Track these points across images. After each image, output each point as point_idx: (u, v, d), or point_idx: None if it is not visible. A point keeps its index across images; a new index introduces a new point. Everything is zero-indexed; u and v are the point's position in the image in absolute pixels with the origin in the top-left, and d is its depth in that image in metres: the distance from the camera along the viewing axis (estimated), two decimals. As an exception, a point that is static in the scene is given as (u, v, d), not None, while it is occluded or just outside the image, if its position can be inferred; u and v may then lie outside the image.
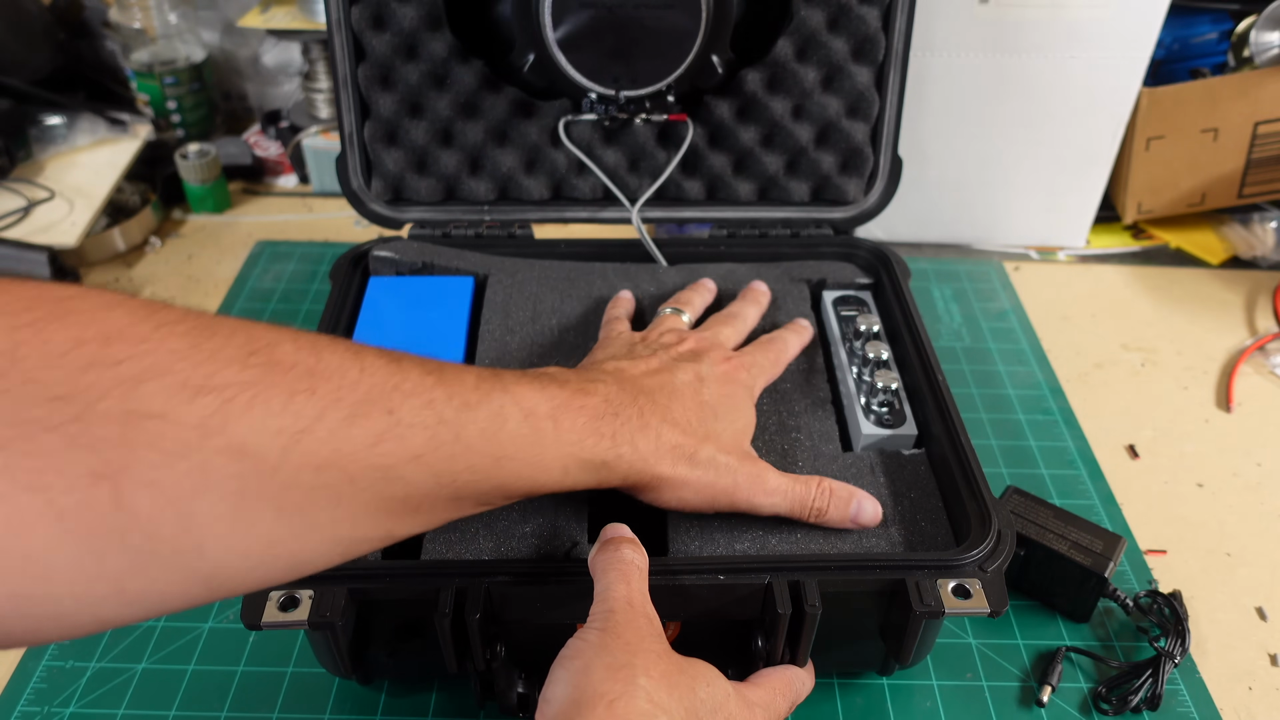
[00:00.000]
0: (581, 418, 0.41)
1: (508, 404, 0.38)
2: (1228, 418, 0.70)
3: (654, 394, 0.45)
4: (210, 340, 0.29)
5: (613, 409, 0.42)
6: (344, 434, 0.32)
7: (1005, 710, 0.51)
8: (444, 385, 0.36)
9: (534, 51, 0.60)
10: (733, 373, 0.51)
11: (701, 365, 0.50)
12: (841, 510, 0.47)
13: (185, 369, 0.28)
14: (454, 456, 0.35)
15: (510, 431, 0.38)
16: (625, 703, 0.34)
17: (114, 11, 0.93)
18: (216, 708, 0.50)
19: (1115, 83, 0.78)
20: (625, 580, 0.39)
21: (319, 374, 0.32)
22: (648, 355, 0.50)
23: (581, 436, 0.40)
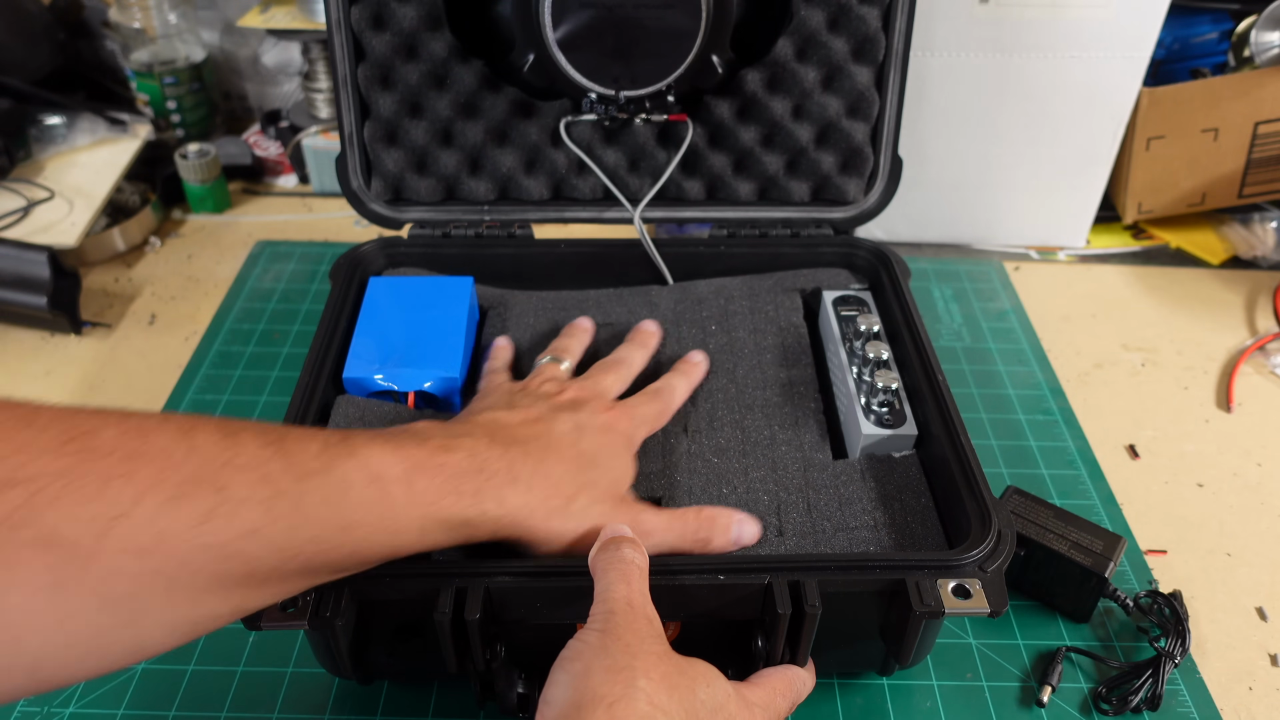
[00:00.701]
0: (440, 477, 0.40)
1: (353, 470, 0.37)
2: (1228, 418, 0.70)
3: (528, 445, 0.44)
4: (24, 431, 0.29)
5: (477, 464, 0.41)
6: (167, 516, 0.31)
7: (1005, 710, 0.51)
8: (283, 456, 0.35)
9: (534, 51, 0.60)
10: (613, 422, 0.50)
11: (581, 414, 0.48)
12: (724, 536, 0.47)
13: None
14: (294, 528, 0.35)
15: (355, 498, 0.37)
16: (625, 705, 0.34)
17: (114, 11, 0.93)
18: (216, 708, 0.50)
19: (1115, 83, 0.78)
20: (625, 580, 0.39)
21: (141, 456, 0.31)
22: (528, 405, 0.49)
23: (439, 496, 0.39)
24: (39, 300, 0.72)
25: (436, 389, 0.55)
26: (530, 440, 0.45)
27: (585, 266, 0.67)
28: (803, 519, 0.50)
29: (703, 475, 0.52)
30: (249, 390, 0.70)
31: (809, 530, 0.49)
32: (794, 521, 0.50)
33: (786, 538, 0.49)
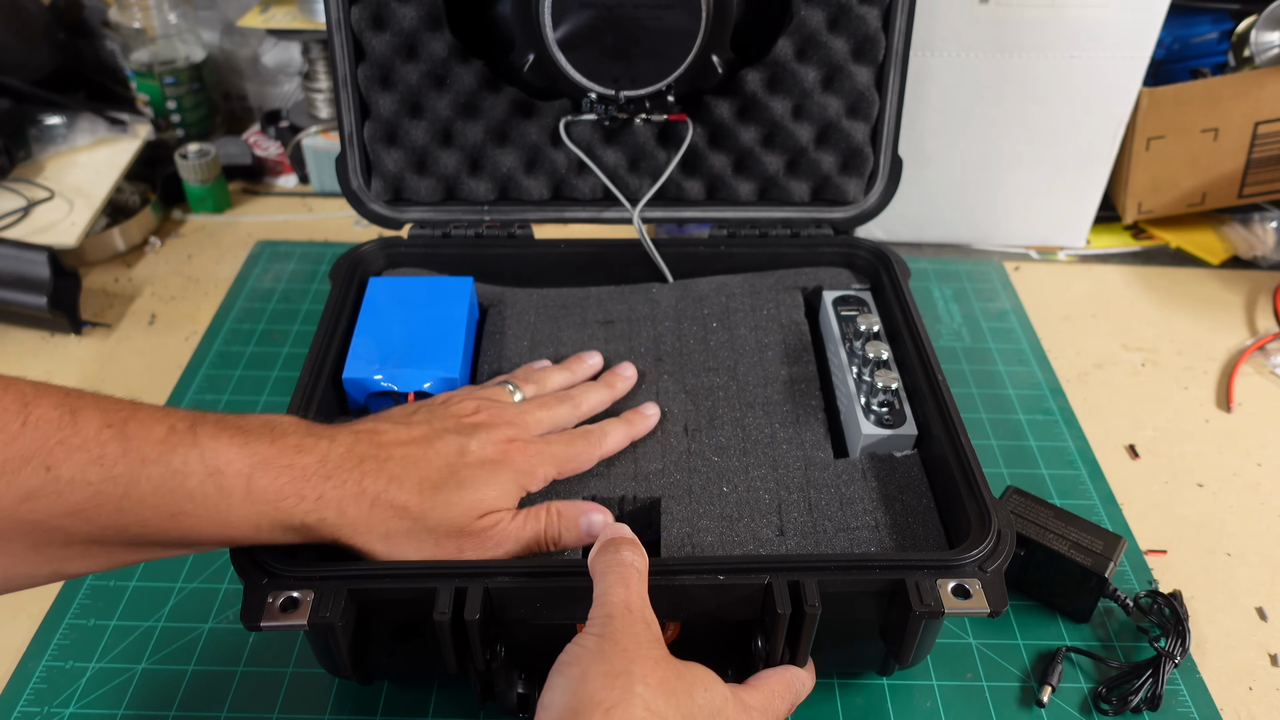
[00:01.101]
0: (283, 478, 0.39)
1: (192, 460, 0.37)
2: (1228, 418, 0.70)
3: (387, 461, 0.43)
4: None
5: (326, 471, 0.41)
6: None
7: (1005, 710, 0.51)
8: (122, 440, 0.35)
9: (534, 51, 0.60)
10: (506, 455, 0.47)
11: (472, 441, 0.47)
12: (573, 531, 0.46)
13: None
14: (122, 511, 0.35)
15: (190, 489, 0.37)
16: (622, 710, 0.34)
17: (114, 11, 0.93)
18: (216, 708, 0.50)
19: (1115, 83, 0.78)
20: (624, 583, 0.39)
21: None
22: (421, 422, 0.47)
23: (279, 497, 0.39)
24: (39, 300, 0.72)
25: (436, 389, 0.55)
26: (393, 458, 0.44)
27: (585, 266, 0.67)
28: (804, 518, 0.50)
29: (703, 474, 0.52)
30: (249, 390, 0.70)
31: (810, 530, 0.49)
32: (795, 521, 0.50)
33: (787, 537, 0.49)
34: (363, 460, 0.43)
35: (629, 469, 0.53)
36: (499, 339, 0.61)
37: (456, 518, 0.44)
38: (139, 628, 0.54)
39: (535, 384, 0.54)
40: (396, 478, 0.43)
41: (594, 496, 0.51)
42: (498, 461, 0.47)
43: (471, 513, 0.44)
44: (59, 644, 0.53)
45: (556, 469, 0.50)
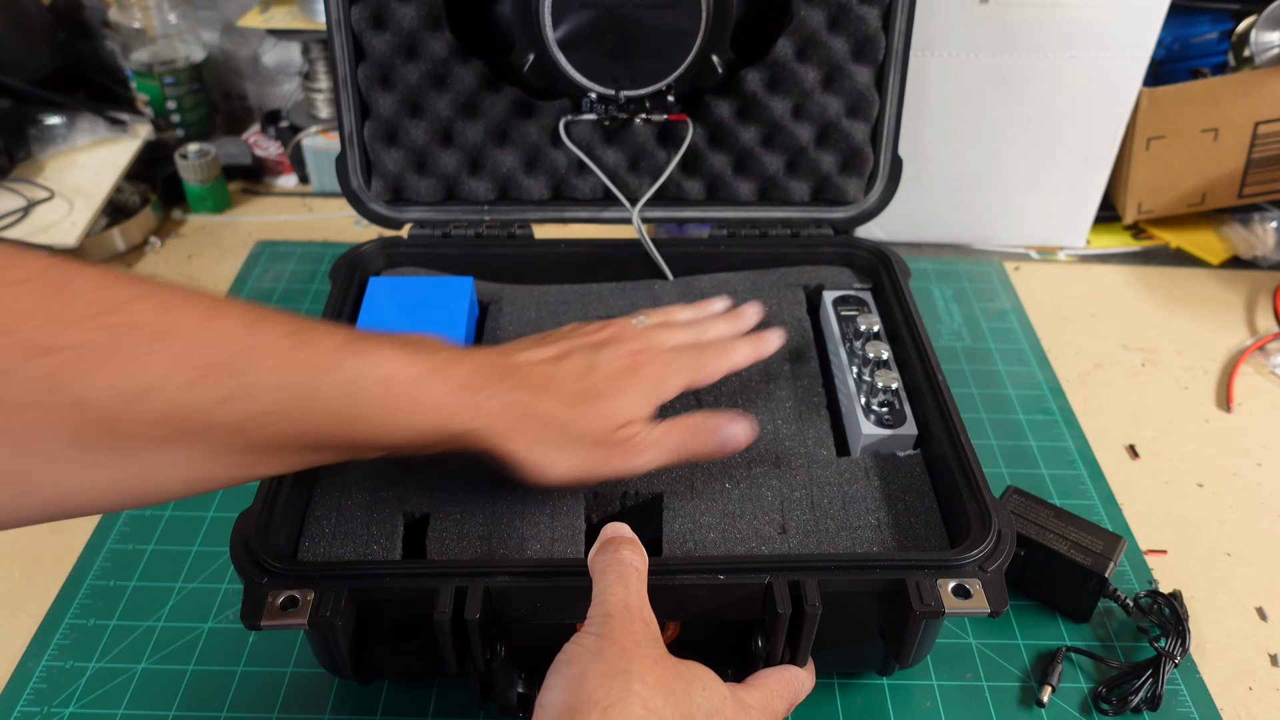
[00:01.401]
0: (444, 386, 0.41)
1: (365, 369, 0.39)
2: (1228, 418, 0.70)
3: (527, 377, 0.45)
4: (61, 299, 0.32)
5: (479, 383, 0.43)
6: (190, 394, 0.34)
7: (1005, 710, 0.51)
8: (301, 349, 0.37)
9: (534, 51, 0.60)
10: (637, 364, 0.48)
11: (601, 353, 0.48)
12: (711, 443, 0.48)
13: (29, 329, 0.31)
14: (304, 415, 0.37)
15: (364, 395, 0.39)
16: (620, 709, 0.34)
17: (114, 11, 0.93)
18: (216, 708, 0.50)
19: (1115, 83, 0.78)
20: (623, 583, 0.39)
21: (169, 335, 0.33)
22: (551, 343, 0.49)
23: (440, 406, 0.41)
24: (39, 300, 0.72)
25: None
26: (533, 374, 0.46)
27: (585, 266, 0.67)
28: (806, 516, 0.50)
29: (704, 470, 0.52)
30: (249, 390, 0.70)
31: (812, 528, 0.49)
32: (798, 519, 0.50)
33: (790, 535, 0.49)
34: (508, 374, 0.44)
35: None
36: (499, 336, 0.61)
37: (596, 427, 0.45)
38: (139, 628, 0.54)
39: (661, 314, 0.55)
40: (538, 390, 0.45)
41: (595, 492, 0.51)
42: (628, 371, 0.48)
43: (610, 422, 0.46)
44: (59, 644, 0.53)
45: (687, 378, 0.50)
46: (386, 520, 0.49)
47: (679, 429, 0.47)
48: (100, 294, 0.33)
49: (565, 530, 0.49)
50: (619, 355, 0.49)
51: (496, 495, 0.51)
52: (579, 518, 0.50)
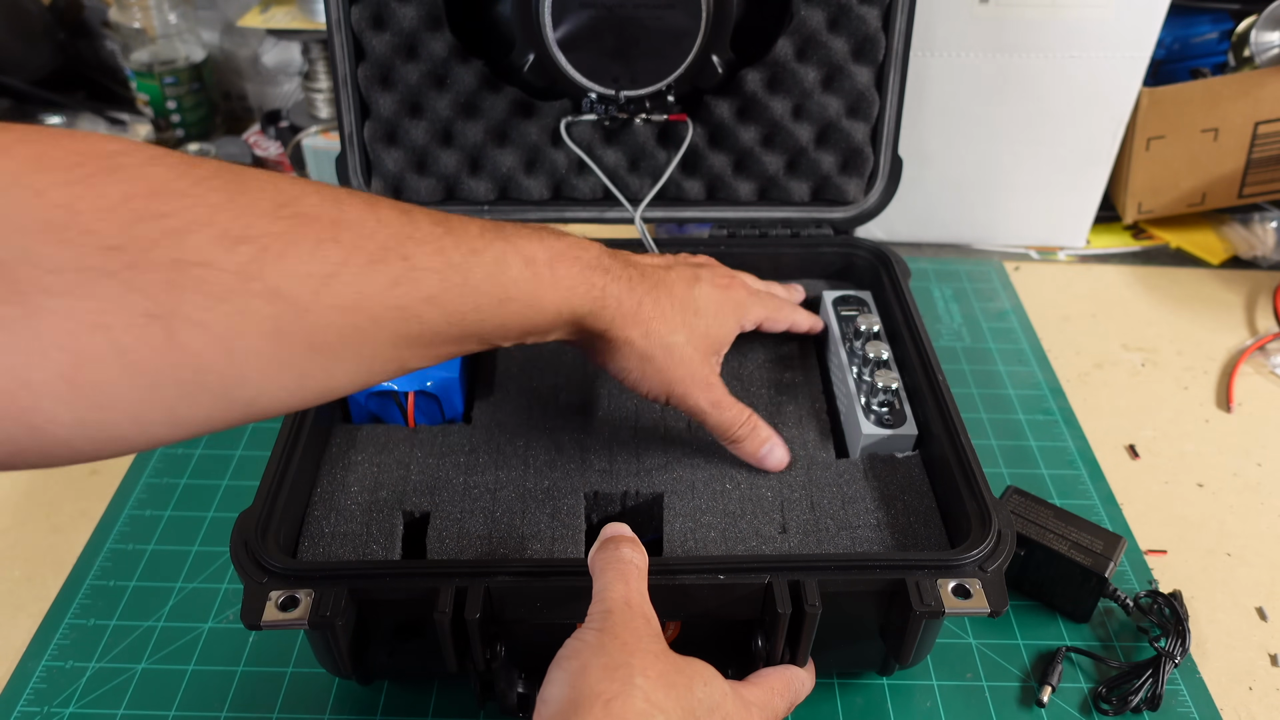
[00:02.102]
0: (576, 267, 0.43)
1: (509, 251, 0.41)
2: (1228, 418, 0.70)
3: (645, 273, 0.48)
4: (244, 194, 0.33)
5: (604, 266, 0.45)
6: (366, 278, 0.35)
7: (1005, 710, 0.51)
8: (452, 234, 0.39)
9: (534, 51, 0.60)
10: (731, 288, 0.54)
11: (702, 272, 0.52)
12: (754, 447, 0.51)
13: (224, 220, 0.31)
14: (463, 297, 0.39)
15: (513, 276, 0.41)
16: (622, 702, 0.34)
17: (114, 11, 0.93)
18: (216, 708, 0.50)
19: (1115, 83, 0.78)
20: (624, 580, 0.39)
21: (341, 224, 0.35)
22: (655, 256, 0.53)
23: (575, 284, 0.43)
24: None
25: (436, 389, 0.55)
26: (647, 274, 0.48)
27: (585, 266, 0.67)
28: (806, 516, 0.50)
29: (705, 470, 0.52)
30: (249, 390, 0.70)
31: (812, 528, 0.49)
32: (797, 519, 0.50)
33: (790, 535, 0.49)
34: (627, 265, 0.47)
35: (631, 464, 0.53)
36: None
37: (693, 345, 0.49)
38: (139, 628, 0.54)
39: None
40: (655, 287, 0.48)
41: (596, 492, 0.51)
42: (725, 292, 0.53)
43: (703, 345, 0.50)
44: (59, 644, 0.53)
45: (765, 312, 0.57)
46: (386, 520, 0.49)
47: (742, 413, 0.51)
48: (274, 188, 0.34)
49: (565, 530, 0.49)
50: (715, 277, 0.54)
51: (497, 495, 0.51)
52: (579, 518, 0.50)
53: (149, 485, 0.63)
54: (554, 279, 0.42)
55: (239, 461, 0.65)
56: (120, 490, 0.62)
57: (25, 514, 0.61)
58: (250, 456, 0.65)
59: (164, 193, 0.30)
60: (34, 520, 0.61)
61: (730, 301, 0.53)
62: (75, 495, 0.63)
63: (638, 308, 0.46)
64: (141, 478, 0.63)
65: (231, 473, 0.64)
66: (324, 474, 0.52)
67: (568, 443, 0.54)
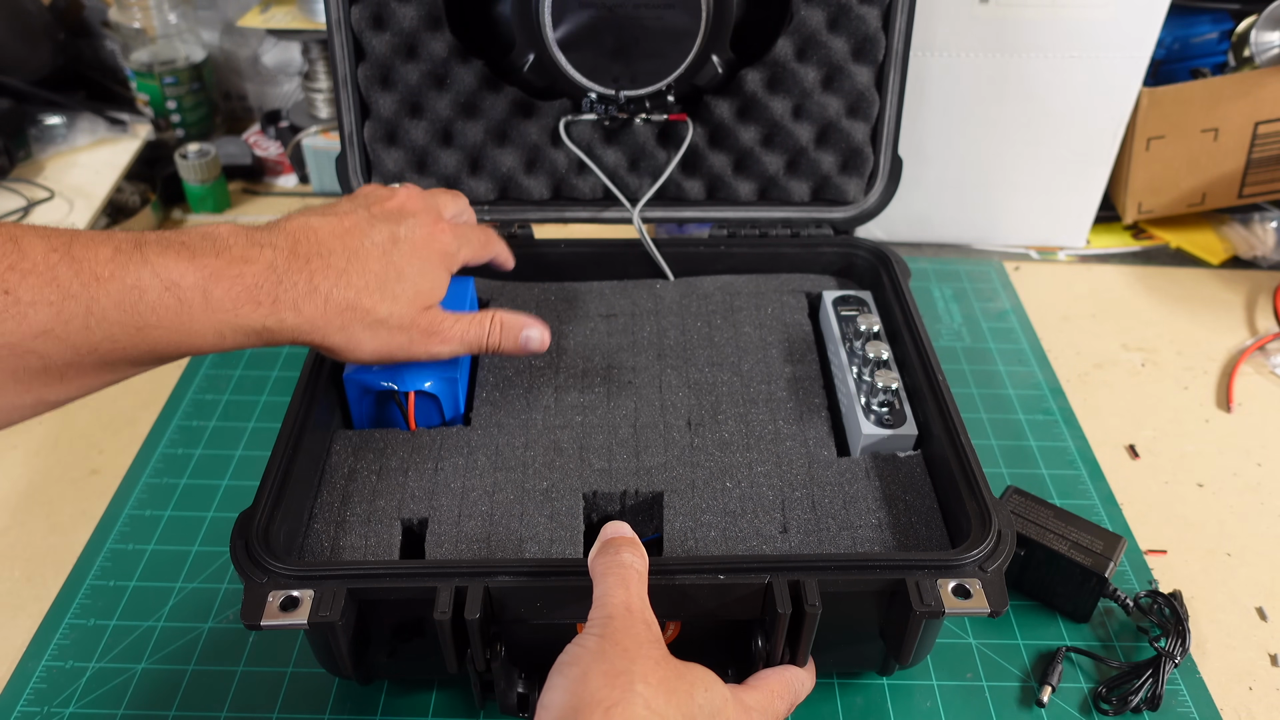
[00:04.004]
0: (237, 286, 0.41)
1: (146, 276, 0.38)
2: (1228, 418, 0.70)
3: (331, 255, 0.45)
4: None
5: (276, 275, 0.42)
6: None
7: (1005, 710, 0.51)
8: (71, 261, 0.36)
9: (534, 51, 0.60)
10: (434, 235, 0.50)
11: (400, 227, 0.49)
12: (511, 342, 0.51)
13: None
14: (88, 329, 0.37)
15: (150, 303, 0.38)
16: (623, 709, 0.34)
17: (114, 11, 0.93)
18: (216, 708, 0.50)
19: (1115, 83, 0.78)
20: (624, 585, 0.39)
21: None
22: (346, 211, 0.48)
23: (236, 305, 0.41)
24: (39, 300, 0.72)
25: (437, 389, 0.55)
26: (336, 251, 0.45)
27: (585, 266, 0.67)
28: (807, 515, 0.50)
29: (705, 469, 0.52)
30: (249, 390, 0.70)
31: (813, 527, 0.49)
32: (799, 518, 0.50)
33: (791, 534, 0.49)
34: (309, 259, 0.44)
35: (631, 463, 0.53)
36: None
37: (402, 310, 0.47)
38: (139, 628, 0.54)
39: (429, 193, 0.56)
40: (344, 272, 0.45)
41: (595, 491, 0.51)
42: (427, 243, 0.49)
43: (414, 305, 0.48)
44: (59, 644, 0.53)
45: (472, 252, 0.54)
46: (385, 531, 0.49)
47: (482, 324, 0.50)
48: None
49: (564, 530, 0.49)
50: (417, 226, 0.49)
51: (495, 497, 0.51)
52: (578, 518, 0.50)
53: (149, 485, 0.63)
54: (206, 303, 0.40)
55: (239, 461, 0.65)
56: (120, 490, 0.62)
57: (25, 514, 0.61)
58: (250, 456, 0.65)
59: None
60: (34, 520, 0.61)
61: (435, 254, 0.49)
62: (75, 495, 0.63)
63: (324, 309, 0.44)
64: (141, 478, 0.63)
65: (231, 473, 0.64)
66: (324, 479, 0.52)
67: (567, 442, 0.54)
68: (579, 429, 0.55)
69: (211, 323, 0.40)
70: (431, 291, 0.49)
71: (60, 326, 0.36)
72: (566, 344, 0.60)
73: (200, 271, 0.40)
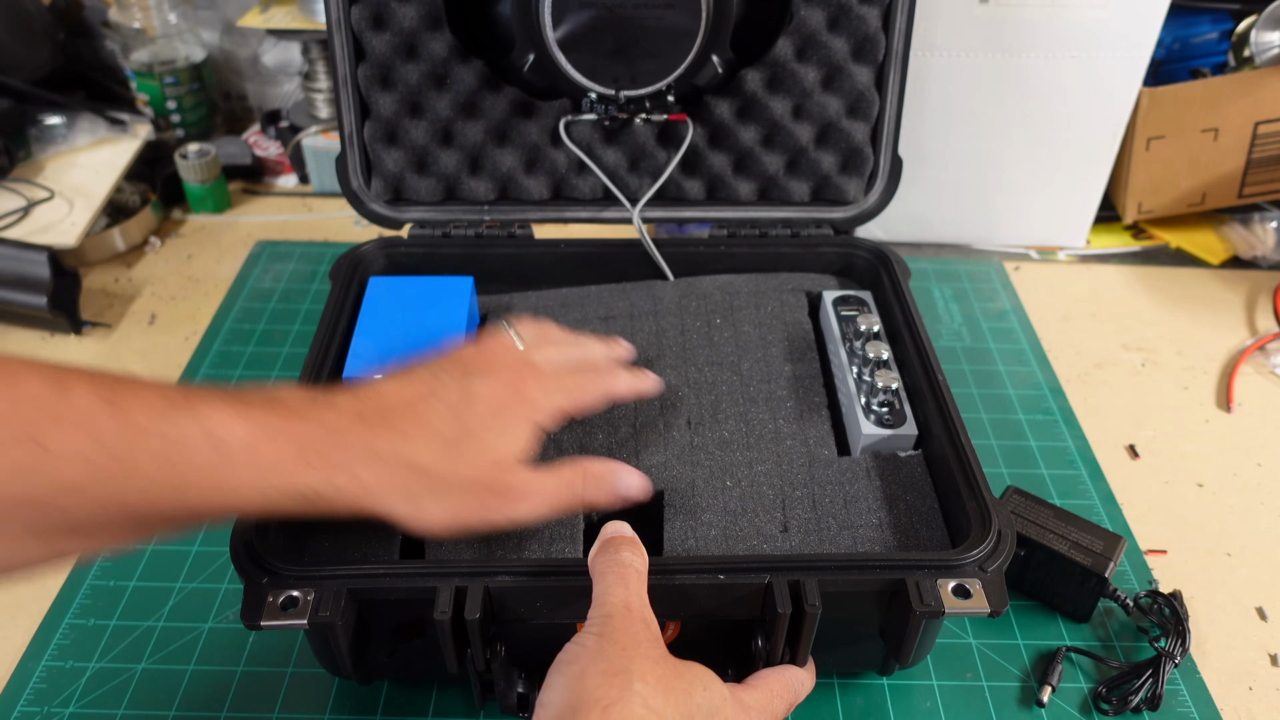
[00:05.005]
0: (289, 445, 0.38)
1: (192, 429, 0.36)
2: (1228, 418, 0.70)
3: (394, 416, 0.42)
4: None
5: (330, 435, 0.39)
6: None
7: (1005, 710, 0.51)
8: (116, 412, 0.34)
9: (534, 51, 0.60)
10: (516, 389, 0.45)
11: (476, 380, 0.45)
12: (606, 494, 0.45)
13: None
14: (123, 486, 0.34)
15: (192, 459, 0.36)
16: (621, 708, 0.34)
17: (114, 11, 0.93)
18: (216, 708, 0.50)
19: (1115, 83, 0.78)
20: (624, 584, 0.39)
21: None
22: (423, 378, 0.45)
23: (285, 465, 0.38)
24: (39, 300, 0.72)
25: (436, 389, 0.55)
26: (399, 412, 0.42)
27: (585, 266, 0.67)
28: (808, 515, 0.50)
29: (705, 468, 0.52)
30: (249, 390, 0.70)
31: (814, 527, 0.49)
32: (799, 518, 0.50)
33: (791, 534, 0.49)
34: (371, 422, 0.41)
35: (631, 463, 0.52)
36: None
37: (472, 472, 0.42)
38: (139, 628, 0.54)
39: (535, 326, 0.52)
40: (405, 433, 0.41)
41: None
42: (506, 399, 0.44)
43: (486, 465, 0.42)
44: (59, 644, 0.53)
45: (566, 398, 0.47)
46: (386, 530, 0.49)
47: (570, 481, 0.44)
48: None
49: (564, 530, 0.49)
50: (496, 382, 0.45)
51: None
52: (578, 517, 0.50)
53: (149, 485, 0.63)
54: (251, 461, 0.37)
55: (239, 461, 0.65)
56: (120, 490, 0.62)
57: (25, 514, 0.61)
58: (250, 456, 0.65)
59: None
60: (34, 520, 0.61)
61: (515, 409, 0.44)
62: (75, 495, 0.62)
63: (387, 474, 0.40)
64: (141, 478, 0.63)
65: (231, 473, 0.64)
66: None
67: (567, 442, 0.54)
68: (579, 428, 0.55)
69: (256, 483, 0.37)
70: (510, 451, 0.43)
71: (92, 482, 0.33)
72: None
73: (249, 426, 0.37)
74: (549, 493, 0.43)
